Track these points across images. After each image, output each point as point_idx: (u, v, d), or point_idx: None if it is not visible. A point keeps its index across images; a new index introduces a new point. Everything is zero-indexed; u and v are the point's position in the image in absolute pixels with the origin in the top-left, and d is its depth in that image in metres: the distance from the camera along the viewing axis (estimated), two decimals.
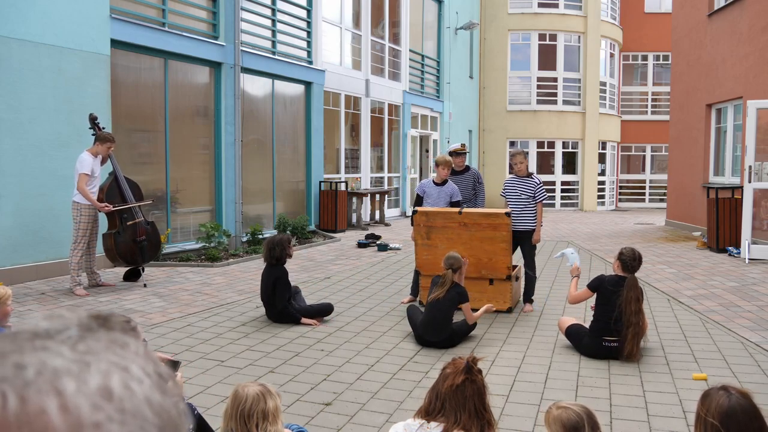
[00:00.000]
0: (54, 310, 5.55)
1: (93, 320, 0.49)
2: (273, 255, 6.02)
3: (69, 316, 0.49)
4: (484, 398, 2.43)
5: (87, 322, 0.49)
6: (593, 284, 5.17)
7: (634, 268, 5.05)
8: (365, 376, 4.58)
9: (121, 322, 0.51)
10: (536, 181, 6.65)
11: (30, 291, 7.01)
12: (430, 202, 6.89)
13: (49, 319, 0.48)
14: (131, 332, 0.51)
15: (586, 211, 21.22)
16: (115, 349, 0.46)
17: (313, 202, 13.00)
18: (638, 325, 4.81)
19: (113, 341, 0.47)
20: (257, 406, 2.36)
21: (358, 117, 14.92)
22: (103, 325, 0.49)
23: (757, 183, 9.70)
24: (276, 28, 11.91)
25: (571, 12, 21.59)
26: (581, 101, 21.84)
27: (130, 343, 0.48)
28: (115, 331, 0.49)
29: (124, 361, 0.45)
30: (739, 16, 11.63)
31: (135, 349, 0.47)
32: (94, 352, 0.45)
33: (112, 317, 0.51)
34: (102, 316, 0.51)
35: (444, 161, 6.92)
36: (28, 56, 7.39)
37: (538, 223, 6.62)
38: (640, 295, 4.92)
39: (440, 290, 5.28)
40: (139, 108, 9.23)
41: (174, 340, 5.38)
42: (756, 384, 4.35)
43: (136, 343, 0.49)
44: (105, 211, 7.11)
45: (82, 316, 0.49)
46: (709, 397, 2.13)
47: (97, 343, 0.46)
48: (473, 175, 7.35)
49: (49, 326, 0.47)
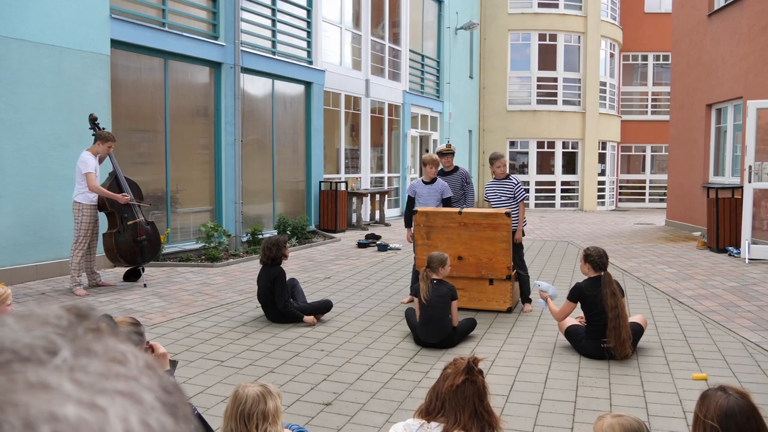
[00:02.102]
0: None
1: (73, 319, 0.42)
2: (269, 255, 6.04)
3: (42, 315, 0.41)
4: (484, 399, 2.42)
5: (68, 324, 0.41)
6: (573, 295, 5.14)
7: (604, 265, 5.05)
8: (365, 376, 4.58)
9: (99, 317, 0.44)
10: (515, 181, 6.79)
11: (30, 291, 7.01)
12: (421, 202, 6.95)
13: (22, 321, 0.40)
14: (113, 328, 0.44)
15: (586, 211, 21.22)
16: (117, 370, 0.39)
17: (313, 202, 13.00)
18: (618, 317, 4.81)
19: (111, 357, 0.40)
20: (257, 407, 2.36)
21: (358, 117, 14.92)
22: (86, 326, 0.42)
23: (757, 183, 9.70)
24: (276, 28, 11.91)
25: (571, 12, 21.59)
26: (581, 101, 21.84)
27: (127, 353, 0.41)
28: (102, 335, 0.42)
29: (131, 386, 0.39)
30: (739, 16, 11.63)
31: (134, 360, 0.41)
32: (100, 384, 0.37)
33: (90, 312, 0.44)
34: (80, 311, 0.43)
35: (431, 160, 7.00)
36: (28, 56, 7.39)
37: (520, 222, 6.67)
38: (616, 290, 4.91)
39: (423, 287, 5.32)
40: (139, 108, 9.23)
41: (174, 340, 5.38)
42: (756, 384, 4.36)
43: (130, 348, 0.42)
44: (125, 201, 7.18)
45: (60, 315, 0.42)
46: (708, 398, 2.13)
47: (94, 362, 0.39)
48: (462, 175, 7.45)
49: (30, 340, 0.39)
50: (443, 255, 5.55)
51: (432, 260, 5.47)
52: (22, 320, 0.41)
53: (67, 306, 0.44)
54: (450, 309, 5.32)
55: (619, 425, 2.16)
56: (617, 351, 4.82)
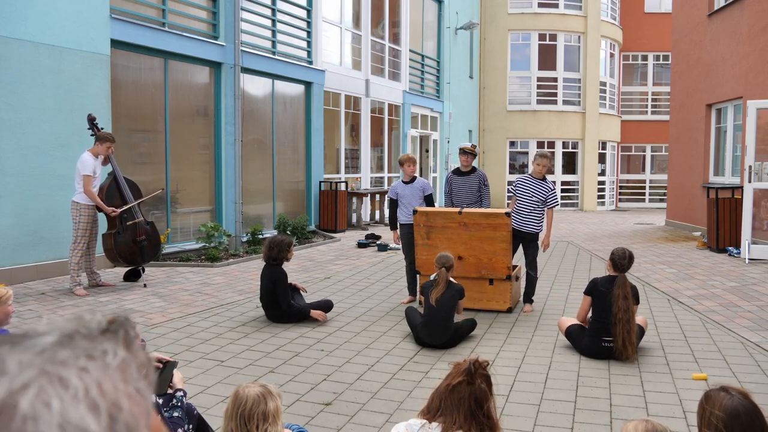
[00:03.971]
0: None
1: (102, 323, 0.53)
2: (271, 255, 6.04)
3: (84, 317, 0.51)
4: (483, 403, 2.39)
5: (95, 325, 0.52)
6: (588, 288, 5.22)
7: (624, 267, 5.06)
8: (365, 376, 4.58)
9: (122, 322, 0.53)
10: (550, 185, 6.56)
11: (30, 291, 7.01)
12: (405, 202, 6.95)
13: (73, 318, 0.51)
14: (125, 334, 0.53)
15: (586, 211, 21.22)
16: (77, 362, 0.47)
17: (313, 202, 12.99)
18: (627, 322, 4.83)
19: (87, 353, 0.49)
20: (257, 408, 2.36)
21: (358, 117, 14.92)
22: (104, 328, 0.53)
23: (757, 183, 9.70)
24: (276, 28, 11.90)
25: (571, 12, 21.59)
26: (581, 101, 21.84)
27: (107, 352, 0.49)
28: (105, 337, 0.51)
29: (69, 374, 0.46)
30: (739, 16, 11.63)
31: (110, 358, 0.49)
32: (49, 366, 0.47)
33: (118, 319, 0.53)
34: (114, 318, 0.53)
35: (408, 158, 6.98)
36: (28, 56, 7.39)
37: (548, 229, 6.58)
38: (629, 293, 4.93)
39: (439, 288, 5.30)
40: (139, 108, 9.23)
41: (174, 340, 5.38)
42: (756, 384, 4.36)
43: (120, 352, 0.50)
44: (113, 215, 7.13)
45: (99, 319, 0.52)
46: (712, 399, 2.12)
47: (64, 351, 0.49)
48: (480, 176, 7.09)
49: (46, 330, 0.49)
50: (450, 255, 5.56)
51: (447, 261, 5.44)
52: (75, 317, 0.51)
53: (109, 314, 0.53)
54: (454, 310, 5.37)
55: (643, 428, 2.14)
56: (620, 353, 4.82)
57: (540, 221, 6.56)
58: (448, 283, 5.37)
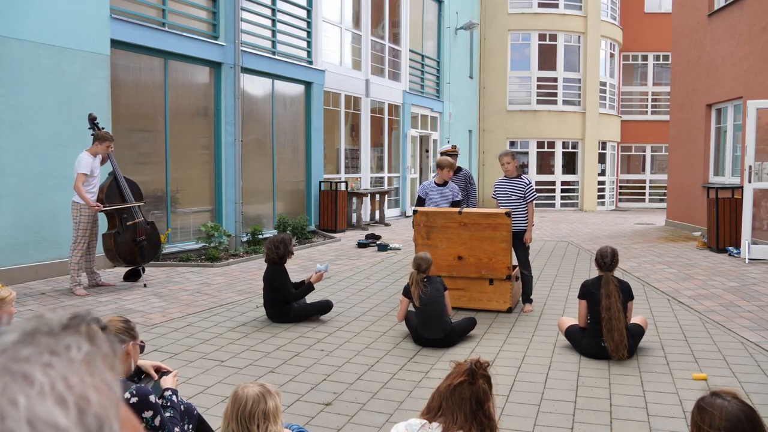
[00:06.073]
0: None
1: (65, 319, 0.52)
2: (278, 252, 6.03)
3: (48, 316, 0.52)
4: (484, 404, 2.40)
5: (56, 322, 0.52)
6: (581, 292, 5.22)
7: (608, 266, 5.07)
8: (365, 376, 4.58)
9: (89, 319, 0.53)
10: (525, 181, 6.65)
11: (30, 291, 7.01)
12: (433, 203, 6.93)
13: (37, 316, 0.52)
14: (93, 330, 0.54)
15: (586, 211, 21.22)
16: (40, 359, 0.48)
17: (313, 202, 12.99)
18: (610, 320, 4.83)
19: (51, 349, 0.49)
20: (258, 407, 2.36)
21: (358, 117, 14.92)
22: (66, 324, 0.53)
23: (757, 183, 9.70)
24: (276, 28, 11.91)
25: (571, 12, 21.59)
26: (581, 101, 21.84)
27: (71, 347, 0.50)
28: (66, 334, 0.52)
29: (33, 370, 0.47)
30: (739, 16, 11.63)
31: (73, 354, 0.49)
32: (10, 364, 0.48)
33: (82, 315, 0.54)
34: (76, 314, 0.53)
35: (448, 163, 6.95)
36: (28, 56, 7.39)
37: (530, 223, 6.63)
38: (612, 291, 4.93)
39: (418, 288, 5.34)
40: (139, 108, 9.23)
41: (174, 340, 5.38)
42: (756, 384, 4.36)
43: (84, 347, 0.50)
44: (96, 210, 7.09)
45: (60, 316, 0.52)
46: (708, 409, 2.08)
47: (27, 349, 0.49)
48: (465, 176, 7.42)
49: (10, 329, 0.52)
50: (429, 255, 5.60)
51: (422, 263, 5.48)
52: (36, 316, 0.51)
53: (71, 311, 0.53)
54: (444, 301, 5.41)
55: None
56: (613, 352, 4.83)
57: (525, 218, 6.62)
58: (428, 278, 5.42)
